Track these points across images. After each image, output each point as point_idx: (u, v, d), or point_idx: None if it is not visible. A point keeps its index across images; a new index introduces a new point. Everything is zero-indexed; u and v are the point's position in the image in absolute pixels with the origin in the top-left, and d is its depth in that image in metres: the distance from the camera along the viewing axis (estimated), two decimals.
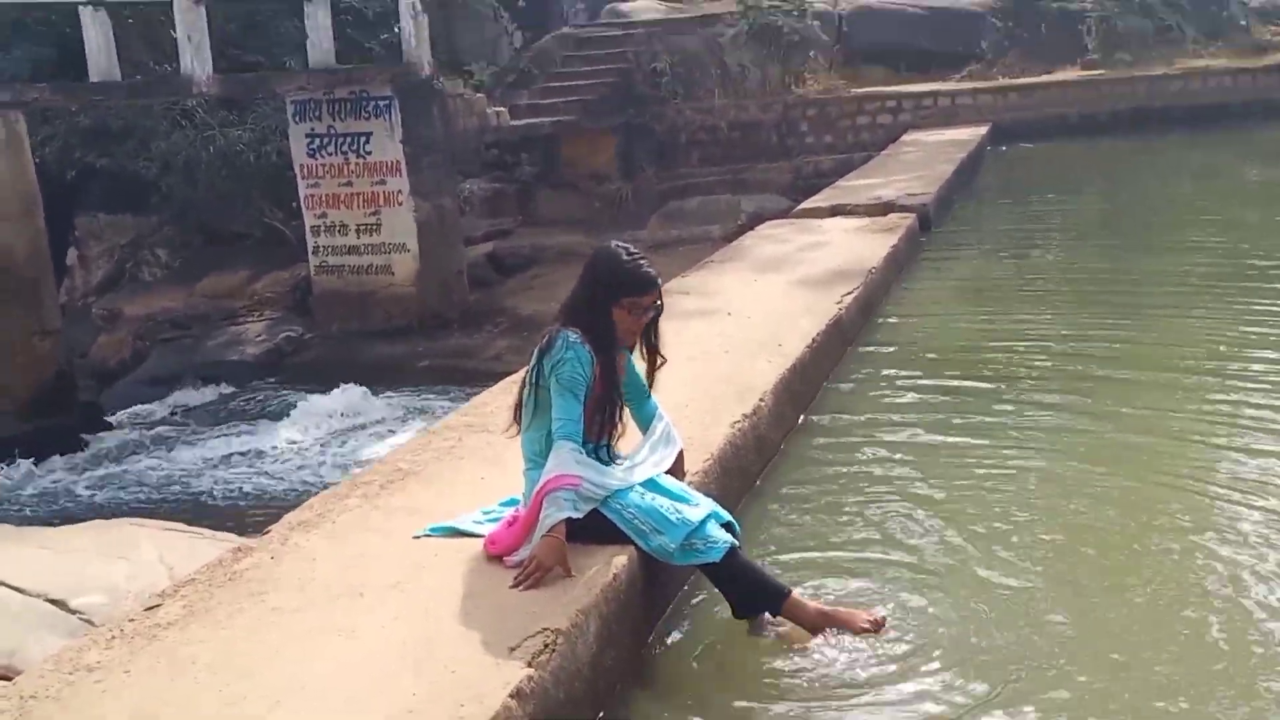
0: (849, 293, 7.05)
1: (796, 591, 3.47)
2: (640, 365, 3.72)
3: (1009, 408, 5.58)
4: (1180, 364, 6.13)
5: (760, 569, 3.53)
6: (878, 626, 3.40)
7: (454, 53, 19.49)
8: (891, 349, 6.88)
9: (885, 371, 6.42)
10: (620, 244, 3.62)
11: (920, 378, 6.25)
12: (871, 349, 6.88)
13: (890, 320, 7.55)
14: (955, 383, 6.09)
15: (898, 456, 5.02)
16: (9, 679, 4.11)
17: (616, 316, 3.51)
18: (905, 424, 5.48)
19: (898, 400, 5.89)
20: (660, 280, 3.59)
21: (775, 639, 3.44)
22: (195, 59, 12.79)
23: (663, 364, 3.72)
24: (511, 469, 3.75)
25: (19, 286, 11.92)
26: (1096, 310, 7.59)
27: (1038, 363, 6.37)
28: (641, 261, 3.55)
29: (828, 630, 3.39)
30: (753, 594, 3.47)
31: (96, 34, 12.25)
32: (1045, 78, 19.34)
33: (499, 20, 20.89)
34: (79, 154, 16.29)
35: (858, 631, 3.39)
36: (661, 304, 3.61)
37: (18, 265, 11.91)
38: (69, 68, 14.40)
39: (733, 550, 3.41)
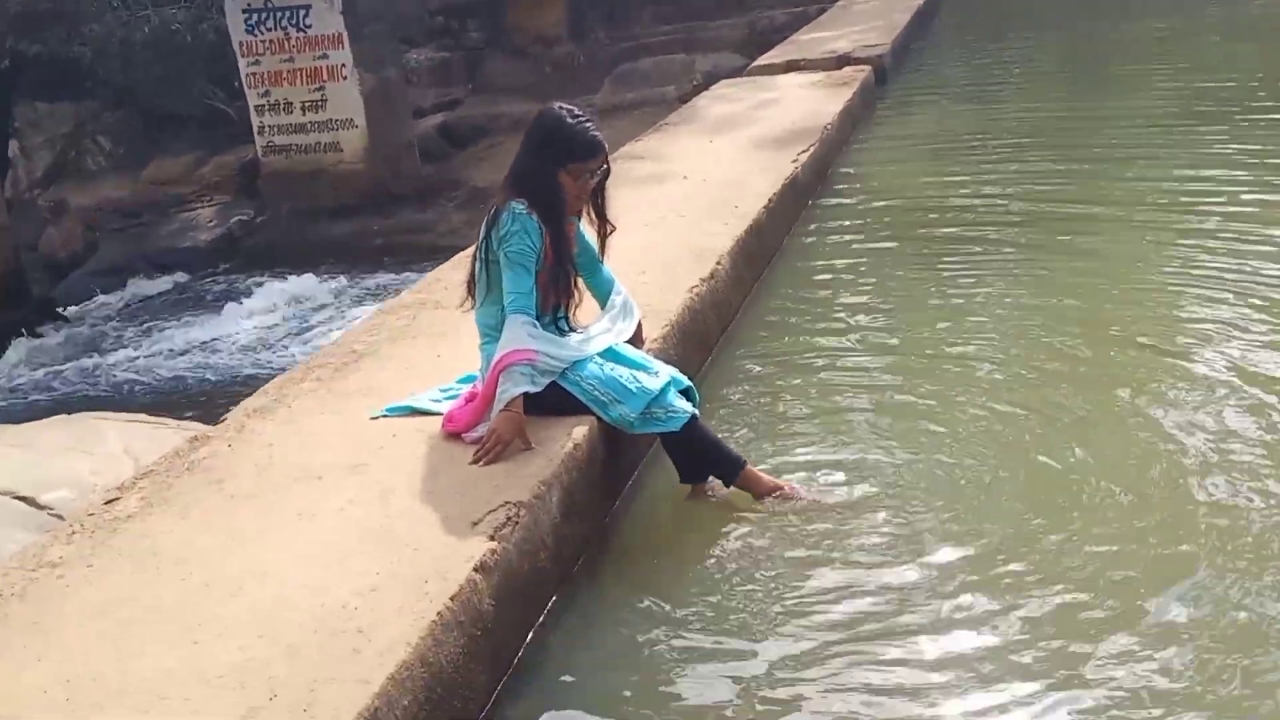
0: (804, 150, 6.96)
1: (750, 464, 3.49)
2: (591, 234, 3.65)
3: (968, 259, 5.57)
4: (1138, 212, 6.08)
5: (718, 439, 3.53)
6: (829, 507, 3.41)
7: None
8: (848, 205, 6.84)
9: (843, 228, 6.39)
10: (564, 106, 3.51)
11: (878, 233, 6.23)
12: (829, 206, 6.83)
13: (847, 177, 7.48)
14: (912, 237, 6.08)
15: (857, 316, 5.03)
16: None
17: (563, 182, 3.43)
18: (863, 281, 5.48)
19: (855, 258, 5.88)
20: (606, 144, 3.50)
21: (724, 504, 3.47)
22: None
23: (612, 231, 3.65)
24: (467, 345, 3.71)
25: None
26: (1055, 156, 7.54)
27: (997, 212, 6.35)
28: (587, 124, 3.45)
29: (772, 496, 3.43)
30: (712, 462, 3.48)
31: None
32: None
33: None
34: (10, 42, 15.66)
35: (800, 502, 3.42)
36: (609, 168, 3.53)
37: None
38: None
39: (693, 419, 3.41)
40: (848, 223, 6.49)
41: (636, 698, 2.71)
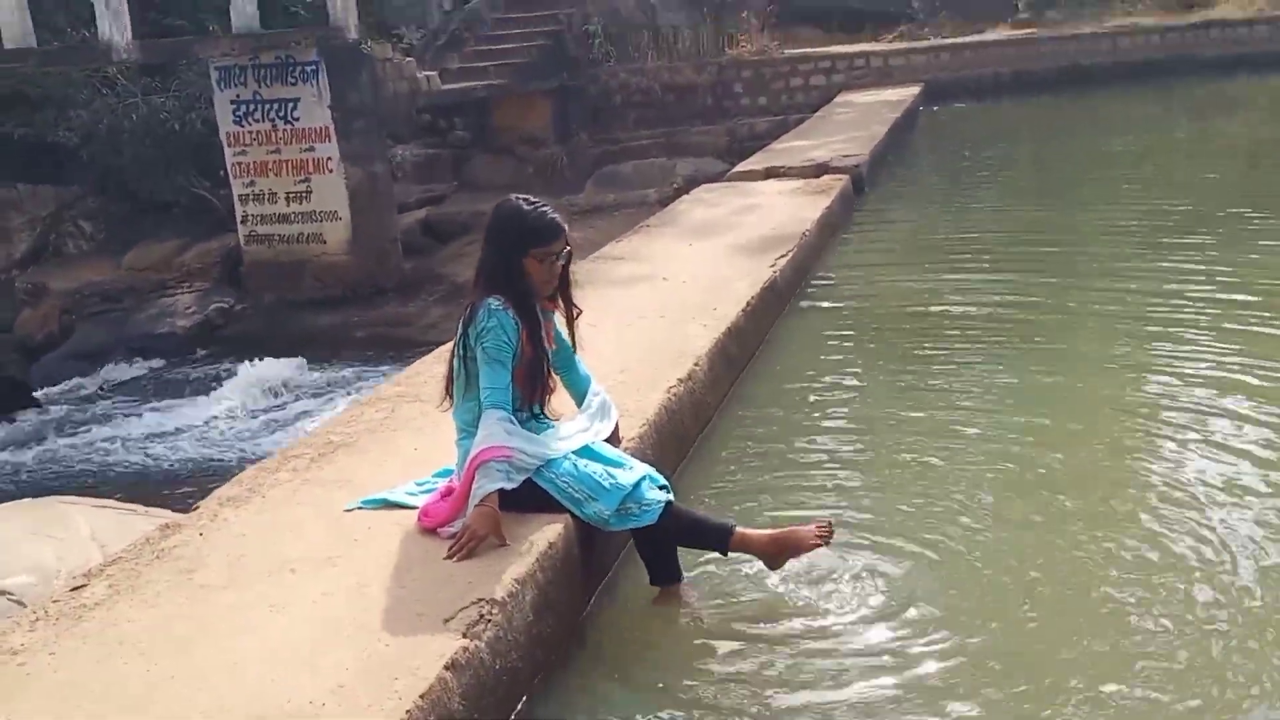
0: (783, 255, 7.06)
1: (739, 527, 3.48)
2: (563, 325, 3.69)
3: (944, 364, 5.64)
4: (1110, 320, 6.20)
5: (700, 514, 3.53)
6: (828, 532, 3.42)
7: (382, 15, 19.16)
8: (826, 311, 6.92)
9: (821, 333, 6.46)
10: (519, 196, 3.56)
11: (855, 338, 6.31)
12: (806, 311, 6.91)
13: (825, 282, 7.58)
14: (890, 342, 6.15)
15: (834, 418, 5.07)
16: None
17: (529, 268, 3.47)
18: (840, 385, 5.53)
19: (833, 361, 5.94)
20: (565, 226, 3.55)
21: (699, 602, 3.46)
22: (114, 24, 12.44)
23: (579, 315, 3.68)
24: (445, 439, 3.71)
25: None
26: (1030, 265, 7.68)
27: (973, 319, 6.45)
28: (544, 209, 3.50)
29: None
30: (698, 538, 3.48)
31: None
32: (976, 37, 19.47)
33: None
34: None
35: (810, 548, 3.42)
36: (570, 250, 3.57)
37: None
38: None
39: (669, 505, 3.41)
40: (825, 327, 6.57)
41: None
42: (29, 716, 2.56)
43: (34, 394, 12.92)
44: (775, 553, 3.45)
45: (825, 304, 7.05)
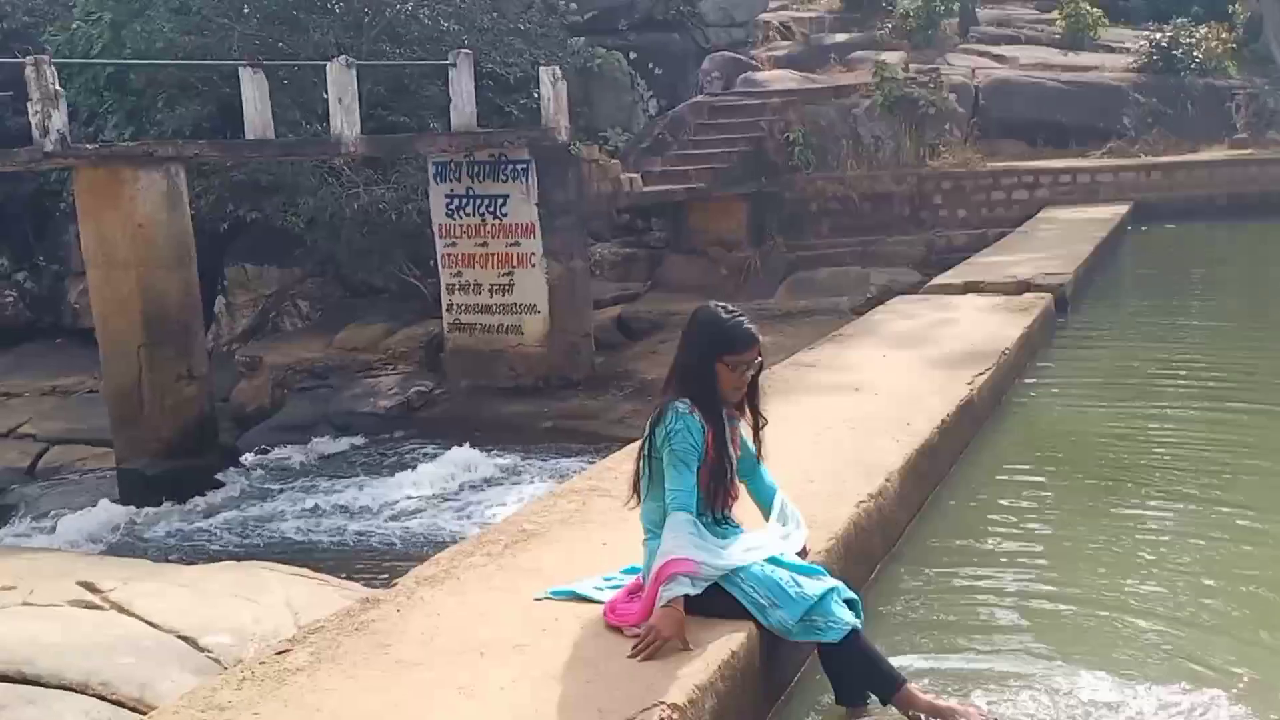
0: (980, 374, 6.93)
1: (911, 683, 3.40)
2: (749, 434, 3.72)
3: (1141, 501, 5.41)
4: None
5: (878, 654, 3.47)
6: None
7: (591, 118, 19.92)
8: (1021, 435, 6.74)
9: (1014, 458, 6.29)
10: (718, 304, 3.65)
11: (1049, 467, 6.11)
12: (1002, 433, 6.74)
13: (1022, 405, 7.39)
14: (1087, 473, 5.93)
15: (1026, 548, 4.91)
16: (142, 712, 4.27)
17: (719, 374, 3.53)
18: (1031, 514, 5.35)
19: (1027, 488, 5.76)
20: (760, 337, 3.60)
21: None
22: (345, 120, 13.31)
23: (764, 425, 3.71)
24: (633, 536, 3.76)
25: (171, 332, 12.47)
26: (1237, 400, 7.32)
27: (1173, 454, 6.17)
28: (741, 319, 3.57)
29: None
30: (867, 676, 3.42)
31: (254, 94, 12.85)
32: (1191, 156, 18.81)
33: (635, 88, 21.30)
34: (231, 207, 17.06)
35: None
36: (762, 361, 3.62)
37: (171, 311, 12.47)
38: (227, 125, 15.15)
39: (854, 632, 3.36)
40: (1020, 451, 6.39)
41: None
42: None
43: (243, 461, 13.67)
44: None
45: (1021, 428, 6.86)
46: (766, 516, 3.78)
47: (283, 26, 16.91)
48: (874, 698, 3.44)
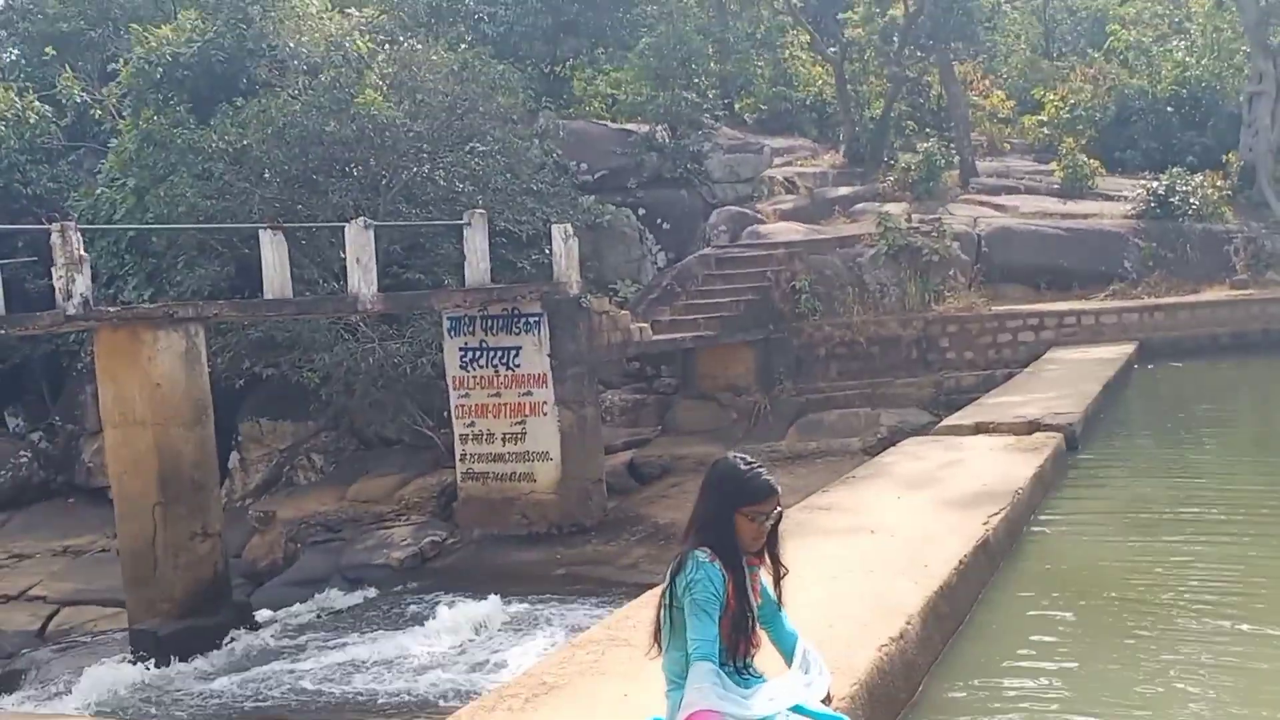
0: (995, 513, 6.96)
1: None
2: (769, 581, 3.75)
3: (1159, 642, 5.38)
4: None
5: None
6: None
7: (600, 271, 20.35)
8: (1039, 572, 6.72)
9: (1033, 596, 6.26)
10: (737, 455, 3.72)
11: (1068, 605, 6.08)
12: (1019, 573, 6.73)
13: (1038, 543, 7.38)
14: (1103, 612, 5.90)
15: (1050, 689, 4.86)
16: None
17: (739, 524, 3.57)
18: (1053, 654, 5.32)
19: (1048, 627, 5.73)
20: (779, 488, 3.66)
21: None
22: (363, 279, 13.61)
23: (785, 574, 3.74)
24: (654, 686, 3.76)
25: (186, 490, 12.51)
26: (1250, 536, 7.31)
27: (1192, 593, 6.14)
28: (760, 470, 3.63)
29: None
30: None
31: (273, 255, 13.16)
32: (1193, 297, 19.13)
33: (644, 242, 21.83)
34: (247, 364, 17.30)
35: None
36: (781, 511, 3.67)
37: (187, 469, 12.53)
38: (244, 284, 15.48)
39: None
40: (1037, 592, 6.36)
41: None
42: None
43: (255, 617, 13.54)
44: None
45: (1037, 568, 6.85)
46: (789, 664, 3.78)
47: (302, 190, 17.45)
48: None
